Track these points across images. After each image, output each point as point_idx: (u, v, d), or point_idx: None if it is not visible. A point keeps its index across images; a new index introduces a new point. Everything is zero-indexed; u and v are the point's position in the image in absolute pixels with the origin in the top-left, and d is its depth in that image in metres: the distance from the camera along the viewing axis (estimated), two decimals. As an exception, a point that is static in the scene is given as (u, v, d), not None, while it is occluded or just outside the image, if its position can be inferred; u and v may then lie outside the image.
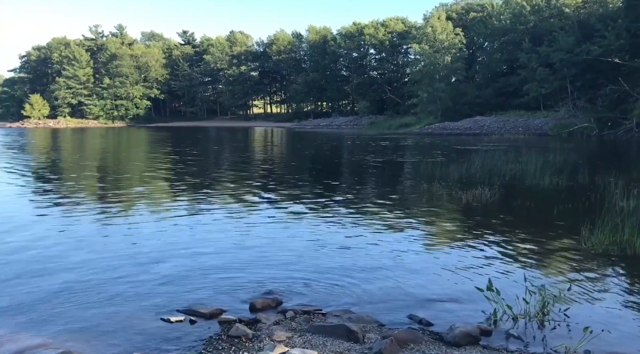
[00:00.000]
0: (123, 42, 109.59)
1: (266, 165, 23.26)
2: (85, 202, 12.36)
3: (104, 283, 6.20)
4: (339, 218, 10.26)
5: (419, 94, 65.62)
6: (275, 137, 52.40)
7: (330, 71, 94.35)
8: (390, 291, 6.03)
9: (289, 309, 5.40)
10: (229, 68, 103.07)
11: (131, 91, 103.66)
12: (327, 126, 79.28)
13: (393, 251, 7.77)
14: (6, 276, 6.42)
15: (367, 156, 26.72)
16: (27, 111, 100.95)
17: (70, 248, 7.83)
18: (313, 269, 6.79)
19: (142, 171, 20.23)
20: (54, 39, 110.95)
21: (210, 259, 7.24)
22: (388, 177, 18.38)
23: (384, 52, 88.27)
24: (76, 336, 4.75)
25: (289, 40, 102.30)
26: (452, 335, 4.60)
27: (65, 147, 37.73)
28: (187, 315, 5.23)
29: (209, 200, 12.58)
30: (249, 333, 4.71)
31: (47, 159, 26.83)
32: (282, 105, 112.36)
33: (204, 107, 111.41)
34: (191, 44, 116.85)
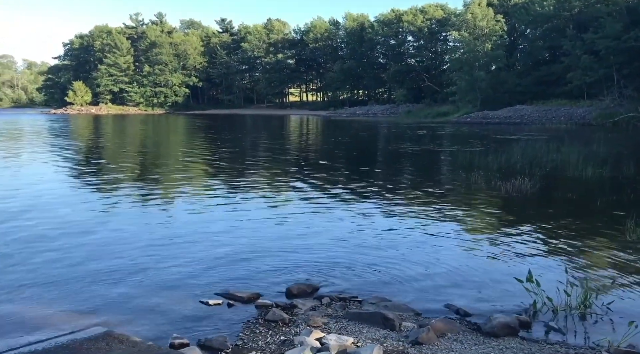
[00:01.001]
0: (162, 30, 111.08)
1: (302, 153, 23.32)
2: (126, 187, 12.66)
3: (144, 265, 6.35)
4: (374, 206, 10.23)
5: (458, 82, 64.49)
6: (310, 125, 52.46)
7: (367, 59, 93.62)
8: (427, 280, 5.99)
9: (325, 296, 5.42)
10: (266, 56, 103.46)
11: (170, 79, 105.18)
12: (363, 114, 78.89)
13: (430, 240, 7.70)
14: (50, 256, 6.63)
15: (403, 144, 26.48)
16: (71, 98, 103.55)
17: (110, 231, 8.04)
18: (349, 256, 6.79)
19: (181, 157, 20.57)
20: (96, 27, 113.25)
21: (247, 245, 7.32)
22: (425, 167, 18.19)
23: (423, 40, 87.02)
24: (117, 316, 4.88)
25: (325, 27, 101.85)
26: (490, 326, 4.54)
27: (107, 133, 38.65)
28: (225, 299, 5.31)
29: (245, 186, 12.71)
30: (285, 317, 4.75)
31: (90, 144, 27.55)
32: (318, 93, 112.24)
33: (240, 95, 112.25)
34: (229, 32, 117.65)
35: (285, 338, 4.34)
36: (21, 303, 5.13)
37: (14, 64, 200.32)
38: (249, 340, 4.35)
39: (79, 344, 4.05)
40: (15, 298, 5.24)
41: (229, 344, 4.23)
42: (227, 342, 4.25)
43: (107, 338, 4.15)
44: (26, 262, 6.38)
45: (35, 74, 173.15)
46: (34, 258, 6.54)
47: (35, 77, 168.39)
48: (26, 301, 5.17)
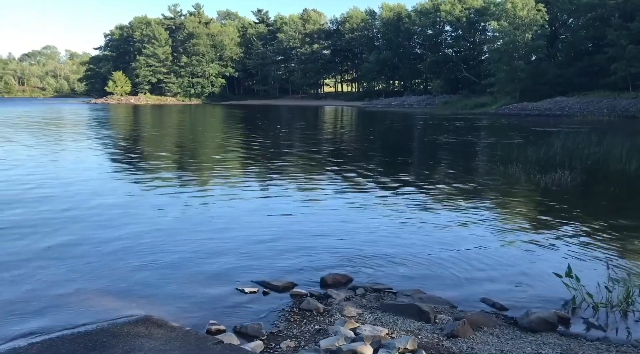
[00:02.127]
0: (200, 21, 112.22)
1: (336, 144, 23.30)
2: (164, 175, 12.90)
3: (181, 252, 6.47)
4: (409, 198, 10.15)
5: (497, 73, 63.23)
6: (345, 116, 52.32)
7: (404, 49, 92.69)
8: (463, 273, 5.92)
9: (359, 286, 5.43)
10: (302, 46, 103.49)
11: (207, 69, 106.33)
12: (398, 105, 78.24)
13: (466, 232, 7.61)
14: (89, 242, 6.82)
15: (440, 136, 26.17)
16: (110, 88, 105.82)
17: (148, 219, 8.21)
18: (383, 247, 6.77)
19: (218, 147, 20.82)
20: (135, 18, 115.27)
21: (281, 234, 7.38)
22: (462, 158, 17.94)
23: (461, 30, 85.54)
24: (155, 302, 4.99)
25: (362, 17, 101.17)
26: (527, 320, 4.46)
27: (146, 123, 39.40)
28: (261, 287, 5.37)
29: (280, 177, 12.79)
30: (320, 307, 4.78)
31: (130, 133, 28.15)
32: (353, 84, 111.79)
33: (276, 86, 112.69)
34: (265, 22, 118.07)
35: (319, 327, 4.37)
36: (66, 287, 5.30)
37: (57, 54, 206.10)
38: (283, 328, 4.40)
39: (119, 327, 4.17)
40: (59, 282, 5.42)
41: (264, 331, 4.29)
42: (262, 329, 4.30)
43: (146, 323, 4.26)
44: (67, 247, 6.58)
45: (77, 64, 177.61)
46: (73, 244, 6.74)
47: (77, 68, 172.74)
48: (70, 285, 5.33)
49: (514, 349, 3.98)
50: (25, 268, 5.77)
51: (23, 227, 7.48)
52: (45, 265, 5.89)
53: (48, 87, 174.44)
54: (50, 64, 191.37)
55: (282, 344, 4.04)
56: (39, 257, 6.16)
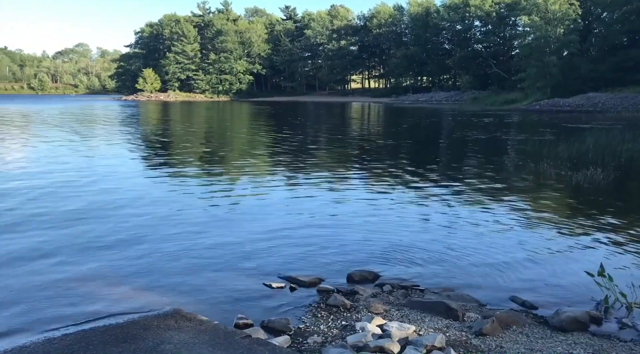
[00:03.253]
0: (228, 18, 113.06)
1: (363, 140, 23.22)
2: (193, 170, 13.06)
3: (209, 247, 6.54)
4: (437, 194, 10.07)
5: (527, 69, 62.10)
6: (372, 112, 52.11)
7: (432, 44, 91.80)
8: (492, 271, 5.85)
9: (386, 283, 5.42)
10: (329, 43, 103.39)
11: (235, 66, 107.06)
12: (426, 101, 77.57)
13: (495, 230, 7.51)
14: (122, 236, 6.95)
15: (469, 132, 25.86)
16: (141, 85, 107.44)
17: (178, 213, 8.32)
18: (411, 244, 6.73)
19: (246, 142, 20.97)
20: (165, 15, 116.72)
21: (308, 229, 7.40)
22: (491, 155, 17.69)
23: (490, 24, 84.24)
24: (184, 295, 5.06)
25: (389, 13, 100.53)
26: (558, 320, 4.39)
27: (176, 119, 39.90)
28: (288, 282, 5.40)
29: (307, 172, 12.81)
30: (346, 303, 4.78)
31: (160, 129, 28.55)
32: (381, 80, 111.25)
33: (303, 82, 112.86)
34: (293, 19, 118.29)
35: (346, 323, 4.38)
36: (98, 279, 5.41)
37: (89, 52, 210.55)
38: (310, 324, 4.42)
39: (149, 320, 4.24)
40: (92, 274, 5.54)
41: (291, 326, 4.31)
42: (289, 324, 4.33)
43: (175, 316, 4.32)
44: (97, 240, 6.72)
45: (108, 62, 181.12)
46: (104, 237, 6.87)
47: (108, 65, 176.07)
48: (102, 278, 5.45)
49: (544, 349, 3.92)
50: (57, 260, 5.92)
51: (54, 220, 7.67)
52: (78, 258, 6.03)
53: (80, 84, 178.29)
54: (82, 62, 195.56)
55: (309, 340, 4.06)
56: (71, 250, 6.30)
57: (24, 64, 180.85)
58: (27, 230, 7.17)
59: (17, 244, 6.51)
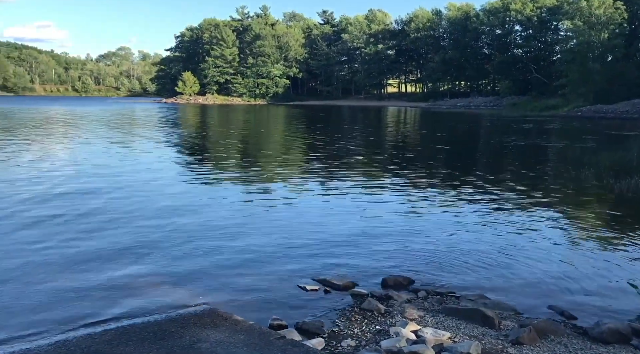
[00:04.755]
0: (266, 22, 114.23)
1: (399, 144, 23.10)
2: (229, 171, 13.24)
3: (244, 248, 6.62)
4: (475, 201, 9.93)
5: (569, 74, 60.64)
6: (408, 117, 51.76)
7: (471, 49, 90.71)
8: (529, 279, 5.74)
9: (421, 289, 5.38)
10: (366, 47, 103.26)
11: (272, 70, 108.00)
12: (464, 106, 76.61)
13: (533, 238, 7.36)
14: (159, 237, 7.10)
15: (507, 138, 25.42)
16: (180, 88, 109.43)
17: (214, 215, 8.44)
18: (447, 250, 6.66)
19: (282, 146, 21.13)
20: (205, 20, 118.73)
21: (342, 233, 7.41)
22: (530, 162, 17.35)
23: (531, 29, 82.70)
24: (219, 294, 5.14)
25: (428, 17, 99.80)
26: (598, 331, 4.28)
27: (214, 122, 40.53)
28: (322, 285, 5.42)
29: (341, 176, 12.82)
30: (381, 307, 4.77)
31: (199, 131, 29.06)
32: (417, 84, 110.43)
33: (339, 86, 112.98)
34: (330, 23, 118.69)
35: (380, 327, 4.37)
36: (137, 277, 5.55)
37: (131, 55, 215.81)
38: (344, 327, 4.42)
39: (186, 318, 4.32)
40: (131, 272, 5.68)
41: (325, 329, 4.33)
42: (323, 327, 4.35)
43: (212, 315, 4.39)
44: (137, 239, 6.89)
45: (149, 65, 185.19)
46: (143, 237, 7.04)
47: (149, 68, 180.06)
48: (141, 276, 5.58)
49: (583, 361, 3.83)
50: (99, 259, 6.09)
51: (96, 221, 7.90)
52: (118, 257, 6.19)
53: (122, 87, 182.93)
54: (124, 65, 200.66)
55: (342, 343, 4.07)
56: (112, 249, 6.48)
57: (69, 67, 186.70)
58: (71, 230, 7.41)
59: (60, 244, 6.73)
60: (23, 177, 11.64)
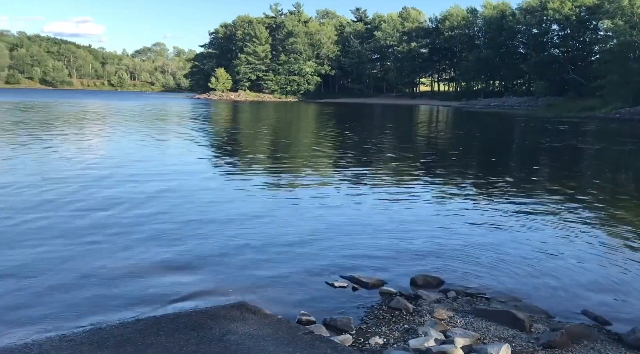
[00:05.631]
0: (299, 19, 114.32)
1: (430, 143, 22.89)
2: (260, 168, 13.34)
3: (272, 243, 6.67)
4: (506, 202, 9.78)
5: (608, 75, 59.04)
6: (441, 116, 51.23)
7: (506, 48, 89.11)
8: (563, 283, 5.63)
9: (451, 289, 5.33)
10: (399, 45, 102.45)
11: (304, 67, 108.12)
12: (498, 106, 75.42)
13: (566, 241, 7.22)
14: (191, 230, 7.21)
15: (542, 139, 24.94)
16: (213, 84, 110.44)
17: (244, 210, 8.53)
18: (478, 252, 6.58)
19: (313, 142, 21.16)
20: (238, 17, 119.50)
21: (372, 231, 7.39)
22: (565, 163, 16.99)
23: (569, 28, 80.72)
24: (248, 288, 5.19)
25: (462, 15, 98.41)
26: (634, 337, 4.17)
27: (247, 119, 40.86)
28: (350, 282, 5.42)
29: (371, 174, 12.78)
30: (409, 307, 4.74)
31: (231, 128, 29.36)
32: (451, 83, 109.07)
33: (370, 84, 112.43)
34: (363, 21, 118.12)
35: (408, 326, 4.34)
36: (169, 269, 5.65)
37: (166, 51, 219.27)
38: (372, 324, 4.42)
39: (216, 310, 4.38)
40: (162, 264, 5.78)
41: (353, 326, 4.33)
42: (351, 324, 4.34)
43: (241, 308, 4.44)
44: (169, 234, 7.01)
45: (183, 61, 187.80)
46: (175, 231, 7.16)
47: (183, 64, 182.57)
48: (173, 268, 5.68)
49: (617, 367, 3.74)
50: (133, 250, 6.22)
51: (129, 215, 8.06)
52: (151, 248, 6.31)
53: (156, 82, 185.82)
54: (159, 61, 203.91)
55: (370, 341, 4.06)
56: (145, 240, 6.61)
57: (106, 62, 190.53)
58: (107, 222, 7.58)
59: (96, 234, 6.89)
60: (70, 169, 11.98)
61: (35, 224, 7.15)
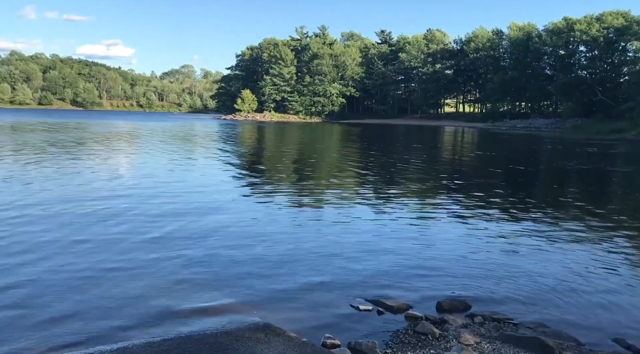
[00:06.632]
0: (324, 42, 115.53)
1: (454, 165, 22.72)
2: (284, 189, 13.40)
3: (297, 264, 6.68)
4: (532, 226, 9.63)
5: (638, 97, 58.07)
6: (466, 137, 50.88)
7: (532, 70, 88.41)
8: (593, 310, 5.50)
9: (478, 314, 5.25)
10: (423, 66, 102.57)
11: (328, 89, 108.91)
12: (524, 127, 74.62)
13: (597, 266, 7.06)
14: (215, 250, 7.27)
15: (569, 162, 24.57)
16: (239, 105, 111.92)
17: (269, 230, 8.56)
18: (505, 276, 6.49)
19: (337, 163, 21.21)
20: (265, 39, 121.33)
21: (398, 254, 7.35)
22: (593, 187, 16.69)
23: (597, 50, 79.79)
24: (272, 309, 5.20)
25: (488, 37, 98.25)
26: (668, 369, 4.05)
27: (272, 139, 41.20)
28: (375, 305, 5.38)
29: (394, 196, 12.72)
30: (435, 331, 4.69)
31: (256, 148, 29.63)
32: (476, 104, 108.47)
33: (395, 105, 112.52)
34: (387, 42, 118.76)
35: (435, 352, 4.29)
36: (194, 290, 5.69)
37: (194, 73, 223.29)
38: (397, 349, 4.37)
39: (241, 332, 4.40)
40: (188, 284, 5.83)
41: (378, 350, 4.29)
42: (376, 348, 4.31)
43: (265, 330, 4.45)
44: (195, 253, 7.07)
45: (210, 83, 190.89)
46: (198, 249, 7.22)
47: (210, 85, 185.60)
48: (198, 289, 5.72)
49: (651, 399, 3.63)
50: (155, 271, 6.29)
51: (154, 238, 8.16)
52: (174, 266, 6.38)
53: (184, 103, 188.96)
54: (186, 82, 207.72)
55: (395, 365, 4.02)
56: (168, 259, 6.68)
57: (135, 83, 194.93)
58: (135, 239, 7.69)
59: (116, 254, 7.00)
60: (109, 188, 12.23)
61: (64, 240, 7.30)
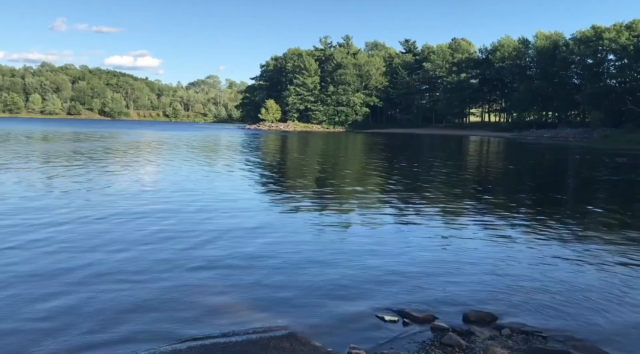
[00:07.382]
0: (348, 52, 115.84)
1: (480, 175, 22.48)
2: (309, 197, 13.40)
3: (322, 273, 6.66)
4: (562, 236, 9.44)
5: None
6: (492, 147, 50.33)
7: (559, 79, 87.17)
8: (625, 325, 5.36)
9: (505, 326, 5.16)
10: (448, 76, 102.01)
11: (352, 98, 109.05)
12: (551, 137, 73.52)
13: (629, 279, 6.88)
14: (241, 258, 7.30)
15: (598, 172, 24.11)
16: (263, 115, 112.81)
17: (294, 239, 8.57)
18: (534, 288, 6.37)
19: (361, 172, 21.17)
20: (289, 49, 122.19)
21: (423, 264, 7.28)
22: (623, 197, 16.32)
23: (627, 58, 78.33)
24: (298, 318, 5.19)
25: (514, 46, 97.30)
26: None
27: (296, 148, 41.37)
28: (401, 316, 5.33)
29: (421, 205, 12.62)
30: (462, 343, 4.62)
31: (280, 157, 29.78)
32: (501, 114, 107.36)
33: (419, 115, 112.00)
34: (412, 52, 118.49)
35: (461, 364, 4.23)
36: (220, 298, 5.72)
37: (219, 83, 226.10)
38: (423, 361, 4.32)
39: (266, 341, 4.40)
40: (214, 292, 5.87)
41: (403, 361, 4.25)
42: (402, 359, 4.27)
43: (290, 339, 4.44)
44: (220, 260, 7.11)
45: (235, 93, 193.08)
46: (224, 256, 7.26)
47: (234, 95, 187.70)
48: (224, 297, 5.75)
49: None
50: (182, 277, 6.34)
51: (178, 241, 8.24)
52: (201, 276, 6.42)
53: (209, 113, 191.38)
54: (212, 92, 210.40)
55: (422, 377, 3.97)
56: (194, 269, 6.73)
57: (161, 94, 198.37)
58: (164, 249, 7.78)
59: (146, 260, 7.07)
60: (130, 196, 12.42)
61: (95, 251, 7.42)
